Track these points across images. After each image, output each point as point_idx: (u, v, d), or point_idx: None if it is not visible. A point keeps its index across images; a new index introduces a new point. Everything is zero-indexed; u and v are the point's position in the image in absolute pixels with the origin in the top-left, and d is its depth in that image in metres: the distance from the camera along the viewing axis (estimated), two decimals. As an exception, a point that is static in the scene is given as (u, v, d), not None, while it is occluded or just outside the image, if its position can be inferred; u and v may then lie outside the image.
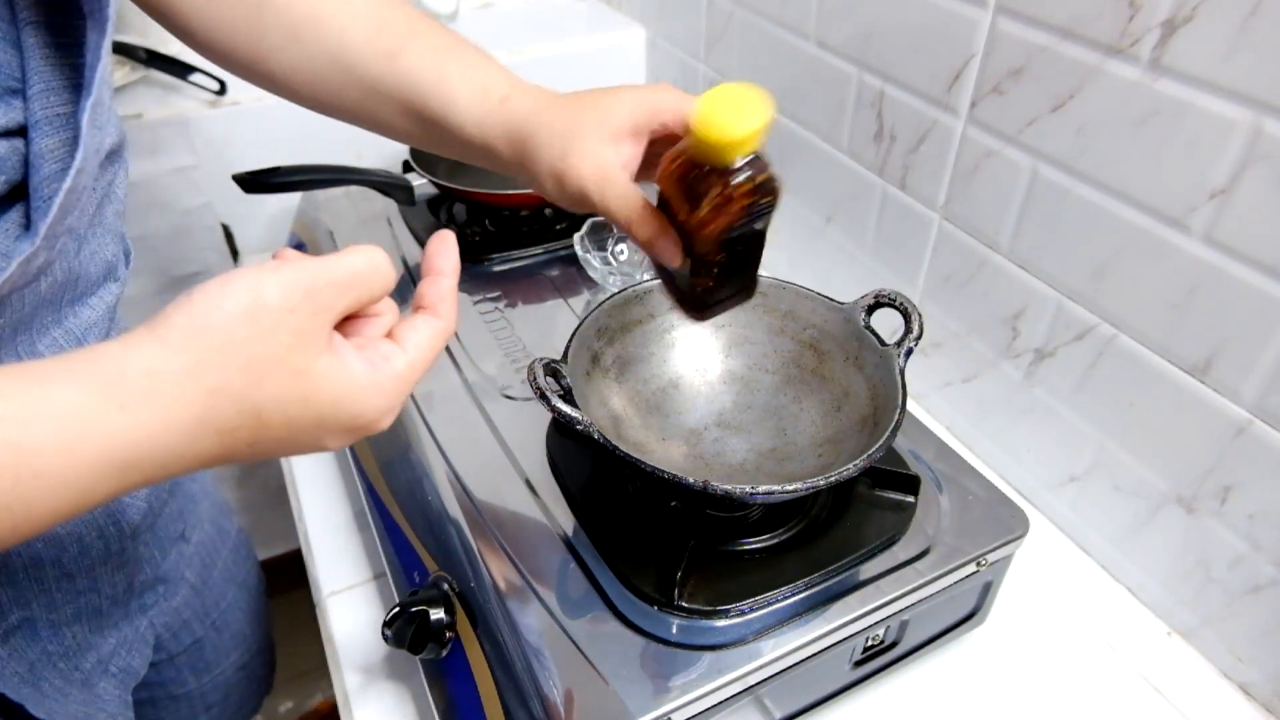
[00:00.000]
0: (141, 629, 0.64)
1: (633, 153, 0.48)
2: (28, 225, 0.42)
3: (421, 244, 0.86)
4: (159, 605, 0.66)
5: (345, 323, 0.38)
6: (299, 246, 0.96)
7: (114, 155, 0.49)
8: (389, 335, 0.38)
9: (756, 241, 0.48)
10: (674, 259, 0.47)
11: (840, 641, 0.53)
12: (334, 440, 0.37)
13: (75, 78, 0.42)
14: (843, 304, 0.61)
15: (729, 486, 0.47)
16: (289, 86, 0.54)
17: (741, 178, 0.44)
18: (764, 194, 0.45)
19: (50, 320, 0.47)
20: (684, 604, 0.51)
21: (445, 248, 0.41)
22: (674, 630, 0.51)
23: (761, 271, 0.52)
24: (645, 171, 0.50)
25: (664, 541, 0.55)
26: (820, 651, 0.52)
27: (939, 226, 0.75)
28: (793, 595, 0.53)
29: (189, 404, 0.32)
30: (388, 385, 0.36)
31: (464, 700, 0.54)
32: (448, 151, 0.54)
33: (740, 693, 0.50)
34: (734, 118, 0.44)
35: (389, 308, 0.39)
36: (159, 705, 0.74)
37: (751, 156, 0.45)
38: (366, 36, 0.51)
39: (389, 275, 0.37)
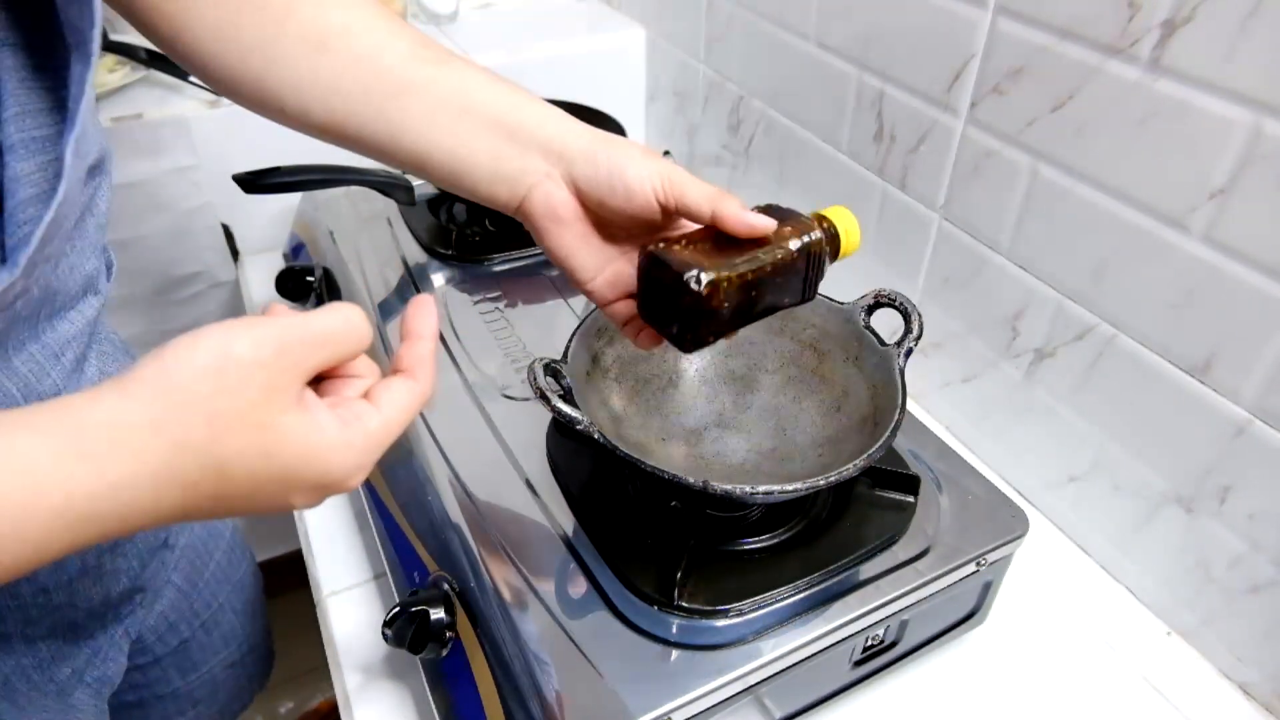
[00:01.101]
0: (116, 637, 0.63)
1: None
2: (1, 251, 0.41)
3: (422, 244, 0.86)
4: (135, 614, 0.65)
5: (323, 383, 0.37)
6: (299, 247, 0.96)
7: (95, 169, 0.48)
8: (365, 396, 0.38)
9: (771, 300, 0.48)
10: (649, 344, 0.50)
11: (840, 641, 0.53)
12: (300, 497, 0.36)
13: (54, 101, 0.41)
14: (843, 304, 0.61)
15: (729, 486, 0.48)
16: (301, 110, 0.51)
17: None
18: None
19: (26, 336, 0.46)
20: (684, 604, 0.51)
21: (424, 312, 0.41)
22: (674, 630, 0.51)
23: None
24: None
25: (664, 541, 0.55)
26: (820, 651, 0.52)
27: (939, 226, 0.75)
28: (793, 595, 0.53)
29: (150, 458, 0.31)
30: (358, 442, 0.36)
31: (464, 700, 0.54)
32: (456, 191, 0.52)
33: (740, 692, 0.50)
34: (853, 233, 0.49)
35: (369, 370, 0.39)
36: (146, 705, 0.74)
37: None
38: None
39: (364, 334, 0.37)
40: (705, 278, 0.43)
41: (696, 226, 0.48)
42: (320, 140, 0.52)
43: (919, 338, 0.57)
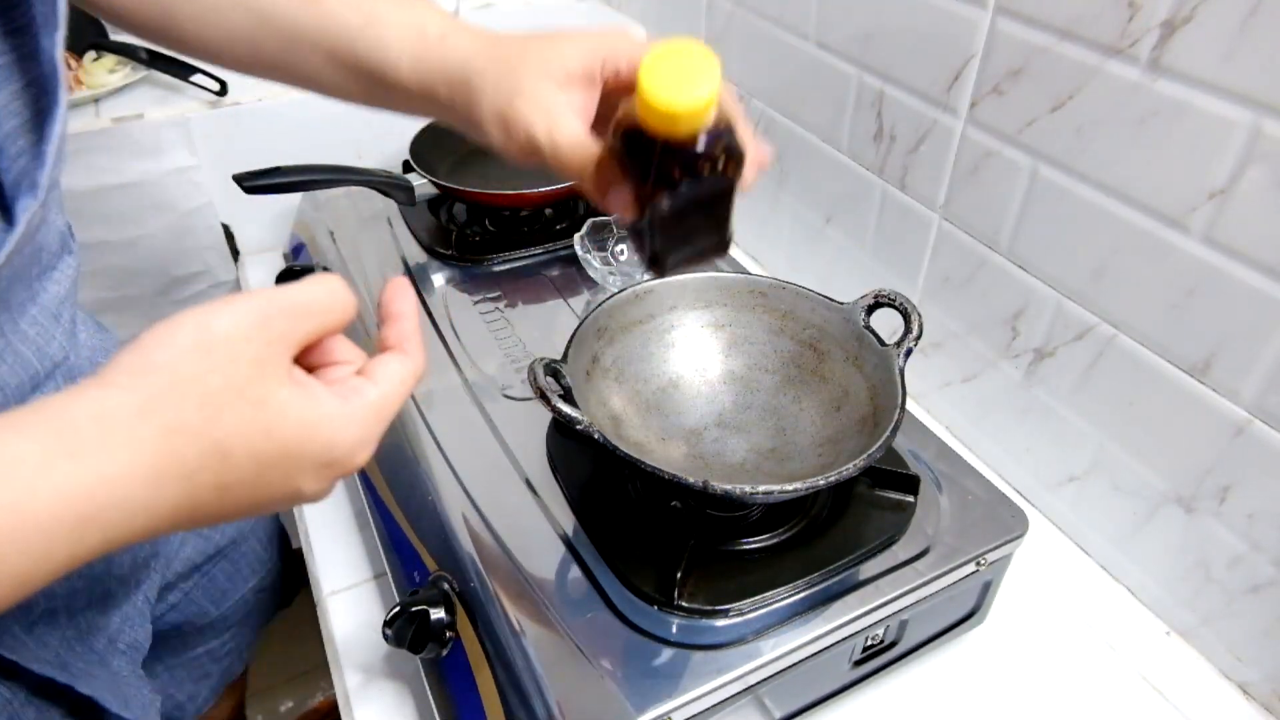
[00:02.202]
0: (139, 603, 0.64)
1: (585, 99, 0.45)
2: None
3: (422, 244, 0.86)
4: (152, 579, 0.67)
5: (312, 371, 0.36)
6: (299, 247, 0.96)
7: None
8: (358, 375, 0.37)
9: (721, 203, 0.44)
10: (626, 214, 0.43)
11: (840, 641, 0.53)
12: (310, 479, 0.34)
13: (18, 22, 0.39)
14: (842, 304, 0.61)
15: (729, 486, 0.48)
16: (201, 43, 0.50)
17: (694, 150, 0.40)
18: (715, 168, 0.41)
19: (25, 297, 0.46)
20: (684, 604, 0.51)
21: (402, 292, 0.40)
22: (674, 630, 0.51)
23: (761, 271, 0.52)
24: (598, 125, 0.45)
25: (664, 541, 0.55)
26: (820, 651, 0.52)
27: (939, 226, 0.75)
28: (792, 595, 0.53)
29: (143, 446, 0.30)
30: (359, 415, 0.35)
31: (464, 700, 0.54)
32: (382, 102, 0.50)
33: (740, 692, 0.50)
34: (681, 84, 0.39)
35: (356, 355, 0.38)
36: (187, 635, 0.78)
37: (707, 127, 0.40)
38: None
39: (349, 303, 0.36)
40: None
41: None
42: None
43: (919, 338, 0.57)
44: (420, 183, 0.86)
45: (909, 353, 0.57)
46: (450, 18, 0.49)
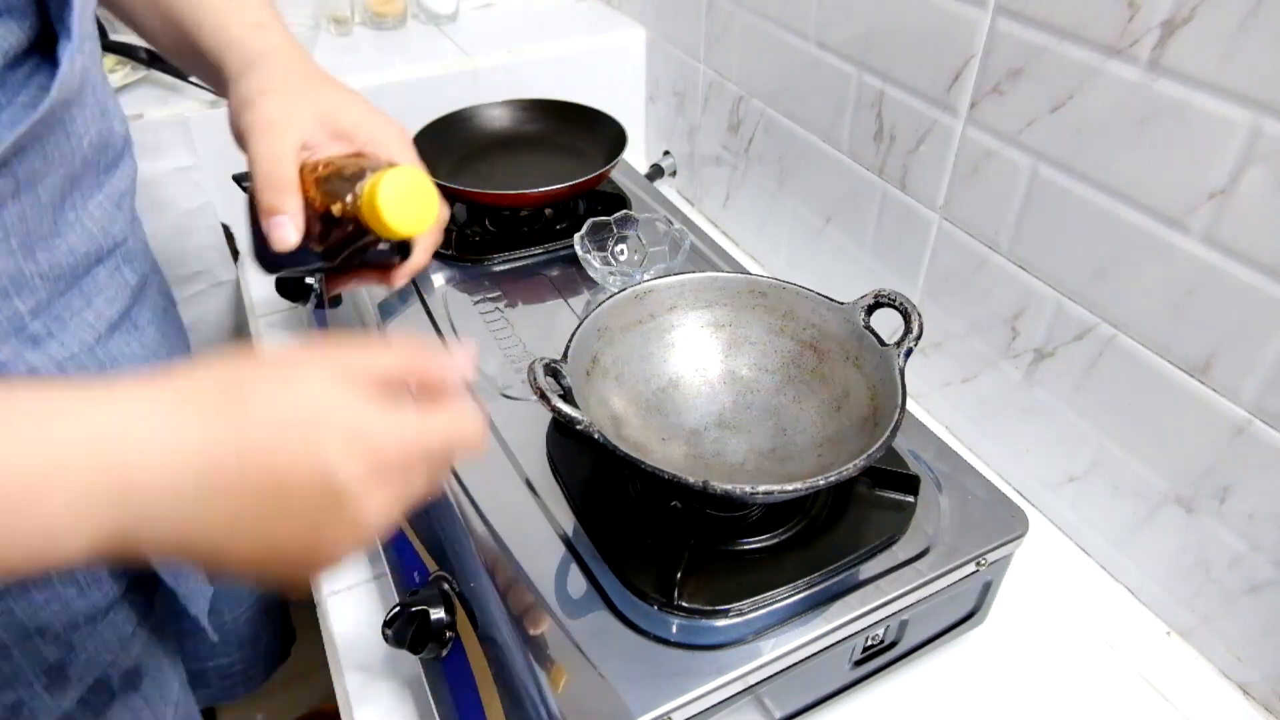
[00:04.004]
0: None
1: (321, 144, 0.51)
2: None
3: (421, 244, 0.86)
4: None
5: None
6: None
7: None
8: None
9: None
10: (285, 243, 0.49)
11: (840, 641, 0.53)
12: (338, 451, 0.31)
13: None
14: (842, 304, 0.61)
15: (729, 486, 0.48)
16: None
17: (384, 243, 0.51)
18: (386, 253, 0.53)
19: (93, 184, 0.51)
20: (684, 604, 0.51)
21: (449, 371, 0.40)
22: (674, 630, 0.51)
23: (761, 271, 0.52)
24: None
25: (664, 541, 0.55)
26: (820, 651, 0.52)
27: (939, 226, 0.75)
28: (792, 595, 0.53)
29: (163, 392, 0.30)
30: (398, 419, 0.34)
31: (464, 700, 0.54)
32: (176, 54, 0.58)
33: (740, 692, 0.50)
34: (412, 216, 0.47)
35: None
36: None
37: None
38: None
39: (426, 360, 0.38)
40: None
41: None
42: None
43: (919, 338, 0.57)
44: (420, 183, 0.86)
45: (909, 353, 0.57)
46: (276, 15, 0.57)
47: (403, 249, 0.52)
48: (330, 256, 0.51)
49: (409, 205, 0.47)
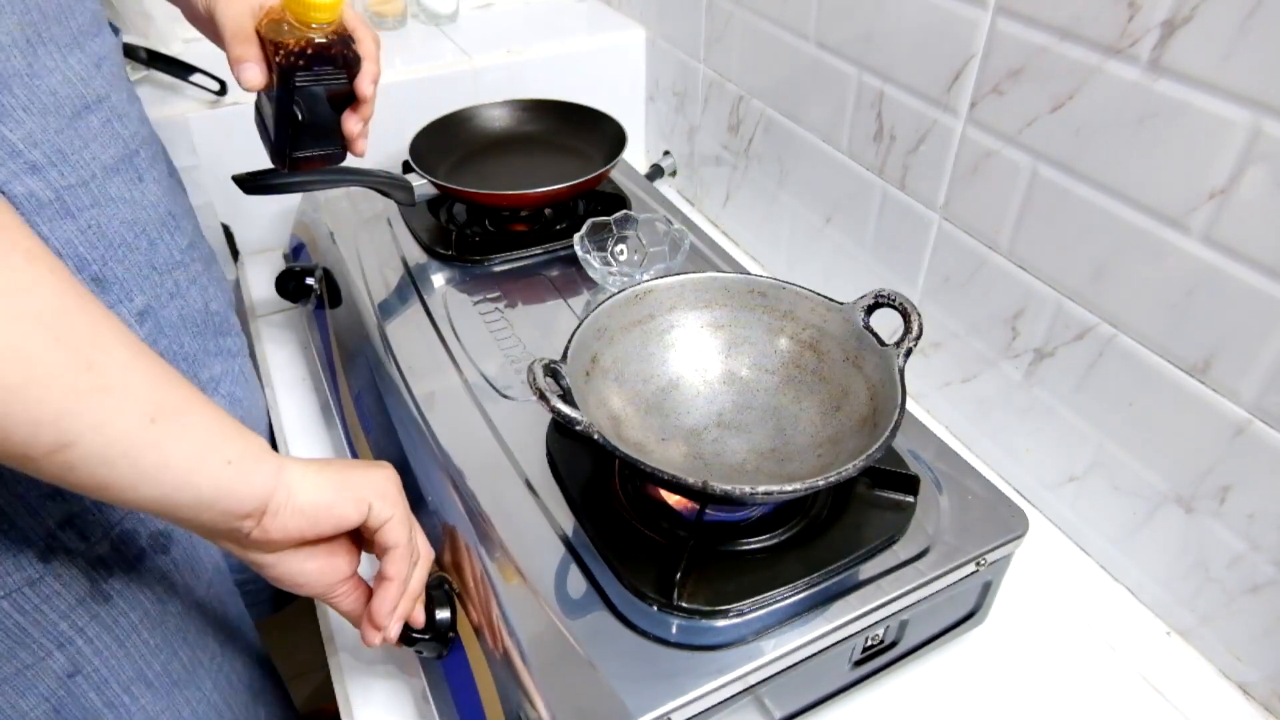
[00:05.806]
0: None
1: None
2: None
3: (421, 244, 0.86)
4: None
5: None
6: (299, 247, 0.96)
7: None
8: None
9: (336, 103, 0.62)
10: (252, 81, 0.59)
11: (840, 641, 0.53)
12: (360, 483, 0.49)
13: None
14: (842, 304, 0.61)
15: (729, 486, 0.48)
16: None
17: (312, 39, 0.58)
18: (325, 60, 0.59)
19: (68, 41, 0.55)
20: (684, 604, 0.51)
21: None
22: (674, 630, 0.51)
23: (761, 271, 0.52)
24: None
25: (664, 541, 0.55)
26: (820, 651, 0.52)
27: (939, 226, 0.75)
28: (792, 595, 0.53)
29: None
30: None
31: (464, 700, 0.54)
32: None
33: (740, 693, 0.50)
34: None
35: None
36: None
37: (331, 30, 0.59)
38: None
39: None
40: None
41: None
42: None
43: (919, 338, 0.57)
44: (420, 183, 0.86)
45: (909, 353, 0.57)
46: None
47: (345, 55, 0.60)
48: (295, 97, 0.60)
49: None
